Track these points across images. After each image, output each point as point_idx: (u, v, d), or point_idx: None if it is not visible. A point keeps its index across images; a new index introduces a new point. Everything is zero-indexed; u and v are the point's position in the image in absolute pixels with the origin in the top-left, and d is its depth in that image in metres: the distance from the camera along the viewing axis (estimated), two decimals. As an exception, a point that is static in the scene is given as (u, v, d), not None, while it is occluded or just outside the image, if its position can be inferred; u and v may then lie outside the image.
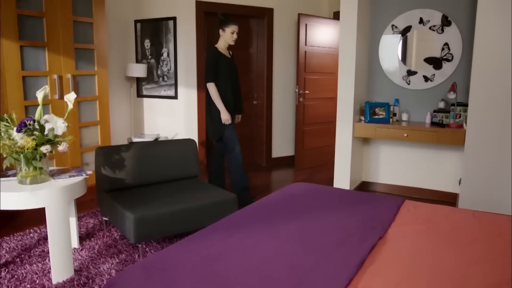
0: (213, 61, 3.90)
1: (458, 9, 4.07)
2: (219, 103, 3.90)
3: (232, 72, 4.05)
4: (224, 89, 3.95)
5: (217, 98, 3.89)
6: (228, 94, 3.98)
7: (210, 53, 3.95)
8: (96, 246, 3.06)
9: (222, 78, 3.93)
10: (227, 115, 3.91)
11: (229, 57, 4.05)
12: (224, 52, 4.00)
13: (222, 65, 3.93)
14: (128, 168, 3.29)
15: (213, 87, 3.89)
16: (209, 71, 3.90)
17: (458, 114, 4.04)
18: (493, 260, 1.80)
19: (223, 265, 1.70)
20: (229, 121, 3.93)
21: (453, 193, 4.26)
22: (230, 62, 4.03)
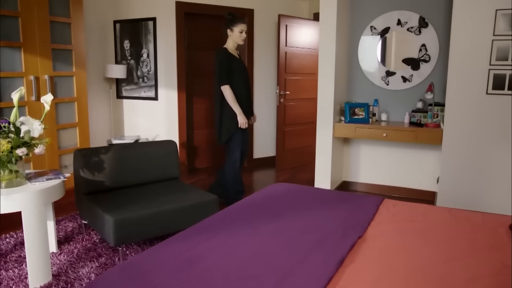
0: (226, 62, 3.73)
1: (434, 11, 4.15)
2: (235, 106, 3.73)
3: (244, 74, 3.90)
4: (238, 91, 3.80)
5: (233, 101, 3.72)
6: (242, 96, 3.83)
7: (222, 55, 3.76)
8: (75, 250, 3.01)
9: (235, 79, 3.78)
10: (244, 118, 3.76)
11: (238, 58, 3.92)
12: (234, 52, 3.87)
13: (235, 66, 3.78)
14: (107, 170, 3.24)
15: (229, 89, 3.71)
16: (223, 73, 3.71)
17: (436, 114, 4.11)
18: (469, 256, 1.84)
19: (204, 266, 1.70)
20: (246, 124, 3.77)
21: (432, 191, 4.34)
22: (240, 63, 3.89)
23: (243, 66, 3.91)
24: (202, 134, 5.64)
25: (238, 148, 3.89)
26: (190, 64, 5.35)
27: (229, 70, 3.73)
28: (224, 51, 3.79)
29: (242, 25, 3.80)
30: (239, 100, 3.79)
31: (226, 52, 3.79)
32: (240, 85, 3.81)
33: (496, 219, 2.36)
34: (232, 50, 3.86)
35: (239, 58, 3.91)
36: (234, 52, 3.87)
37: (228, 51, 3.80)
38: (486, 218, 2.37)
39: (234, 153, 3.90)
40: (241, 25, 3.79)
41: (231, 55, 3.79)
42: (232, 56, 3.80)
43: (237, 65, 3.81)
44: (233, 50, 3.87)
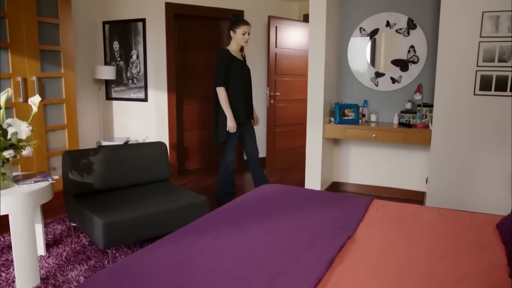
0: (224, 64, 3.68)
1: (423, 12, 4.19)
2: (227, 109, 3.68)
3: (245, 76, 3.83)
4: (236, 93, 3.74)
5: (226, 104, 3.67)
6: (240, 98, 3.77)
7: (221, 56, 3.71)
8: (64, 253, 2.98)
9: (234, 82, 3.73)
10: (233, 122, 3.70)
11: (241, 60, 3.84)
12: (236, 54, 3.80)
13: (234, 68, 3.72)
14: (96, 172, 3.22)
15: (223, 91, 3.66)
16: (220, 74, 3.67)
17: (424, 115, 4.15)
18: (457, 255, 1.86)
19: (194, 268, 1.69)
20: (234, 129, 3.71)
21: (421, 191, 4.37)
22: (242, 65, 3.83)
23: (245, 68, 3.85)
24: (193, 136, 5.63)
25: (231, 150, 3.85)
26: (180, 65, 5.34)
27: (226, 72, 3.68)
28: (224, 52, 3.74)
29: (245, 26, 3.75)
30: (237, 103, 3.75)
31: (226, 53, 3.73)
32: (239, 87, 3.76)
33: (484, 218, 2.39)
34: (235, 51, 3.80)
35: (242, 60, 3.85)
36: (237, 53, 3.81)
37: (230, 52, 3.75)
38: (474, 218, 2.40)
39: (227, 155, 3.86)
40: (244, 27, 3.75)
41: (231, 56, 3.73)
42: (232, 58, 3.73)
43: (238, 67, 3.76)
44: (235, 51, 3.80)
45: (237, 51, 3.83)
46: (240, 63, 3.80)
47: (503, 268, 1.74)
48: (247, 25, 3.77)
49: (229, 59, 3.71)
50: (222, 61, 3.69)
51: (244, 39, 3.77)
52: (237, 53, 3.81)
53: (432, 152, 3.87)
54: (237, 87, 3.74)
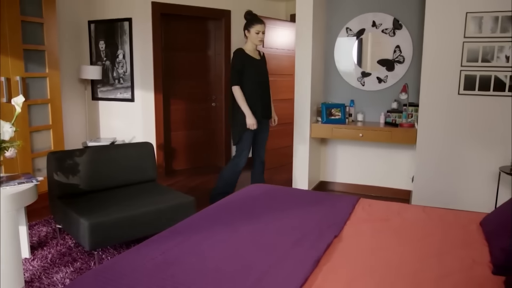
0: (238, 64, 3.68)
1: (408, 13, 4.23)
2: (244, 107, 3.67)
3: (261, 75, 3.83)
4: (251, 93, 3.72)
5: (243, 101, 3.67)
6: (255, 97, 3.75)
7: (235, 55, 3.73)
8: (49, 255, 2.94)
9: (249, 81, 3.71)
10: (253, 119, 3.68)
11: (257, 59, 3.82)
12: (252, 53, 3.78)
13: (249, 67, 3.71)
14: (82, 173, 3.19)
15: (238, 90, 3.67)
16: (234, 74, 3.69)
17: (410, 114, 4.19)
18: (441, 253, 1.89)
19: (179, 269, 1.69)
20: (255, 126, 3.69)
21: (407, 190, 4.42)
22: (258, 64, 3.81)
23: (261, 67, 3.84)
24: (180, 136, 5.60)
25: (244, 150, 3.81)
26: (167, 65, 5.31)
27: (240, 71, 3.68)
28: (239, 52, 3.74)
29: (259, 25, 3.71)
30: (252, 102, 3.73)
31: (241, 53, 3.72)
32: (254, 86, 3.75)
33: (468, 216, 2.42)
34: (251, 51, 3.78)
35: (259, 59, 3.84)
36: (252, 53, 3.79)
37: (245, 52, 3.74)
38: (458, 216, 2.43)
39: (239, 156, 3.83)
40: (257, 26, 3.71)
41: (246, 56, 3.73)
42: (247, 57, 3.73)
43: (253, 66, 3.75)
44: (251, 51, 3.79)
45: (253, 50, 3.80)
46: (256, 63, 3.78)
47: (486, 265, 1.76)
48: (261, 24, 3.72)
49: (243, 58, 3.70)
50: (236, 61, 3.70)
51: (258, 38, 3.73)
52: (253, 52, 3.79)
53: (418, 151, 3.92)
54: (251, 86, 3.73)
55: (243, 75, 3.70)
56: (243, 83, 3.71)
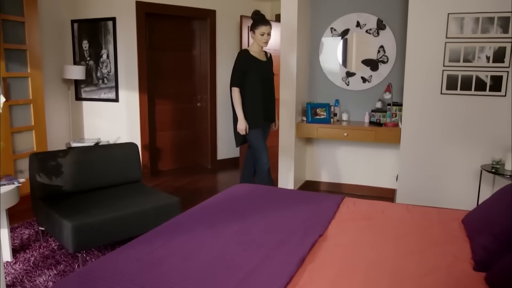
0: (241, 65, 3.58)
1: (392, 13, 4.27)
2: (238, 110, 3.58)
3: (265, 77, 3.70)
4: (253, 95, 3.62)
5: (238, 104, 3.58)
6: (257, 100, 3.64)
7: (239, 56, 3.62)
8: (31, 258, 2.90)
9: (251, 83, 3.60)
10: (244, 124, 3.58)
11: (263, 60, 3.70)
12: (258, 55, 3.66)
13: (252, 69, 3.59)
14: (66, 175, 3.15)
15: (237, 92, 3.57)
16: (235, 75, 3.59)
17: (394, 114, 4.24)
18: (424, 250, 1.91)
19: (164, 269, 1.68)
20: (244, 131, 3.60)
21: (392, 188, 4.46)
22: (263, 66, 3.69)
23: (265, 69, 3.73)
24: (166, 136, 5.57)
25: (262, 152, 3.71)
26: (151, 65, 5.27)
27: (242, 73, 3.57)
28: (243, 53, 3.63)
29: (264, 27, 3.58)
30: (255, 105, 3.64)
31: (245, 53, 3.62)
32: (256, 89, 3.63)
33: (450, 214, 2.46)
34: (256, 52, 3.66)
35: (264, 61, 3.72)
36: (258, 54, 3.67)
37: (250, 53, 3.63)
38: (441, 213, 2.47)
39: (261, 157, 3.72)
40: (262, 28, 3.58)
41: (250, 57, 3.61)
42: (251, 58, 3.61)
43: (258, 68, 3.63)
44: (257, 52, 3.66)
45: (258, 52, 3.68)
46: (261, 64, 3.68)
47: (467, 262, 1.79)
48: (266, 25, 3.59)
49: (246, 59, 3.60)
50: (238, 62, 3.61)
51: (263, 40, 3.61)
52: (258, 54, 3.68)
53: (402, 150, 3.96)
54: (254, 88, 3.62)
55: (246, 76, 3.59)
56: (246, 85, 3.60)
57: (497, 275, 1.54)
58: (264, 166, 3.72)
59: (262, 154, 3.71)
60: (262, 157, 3.71)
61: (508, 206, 1.88)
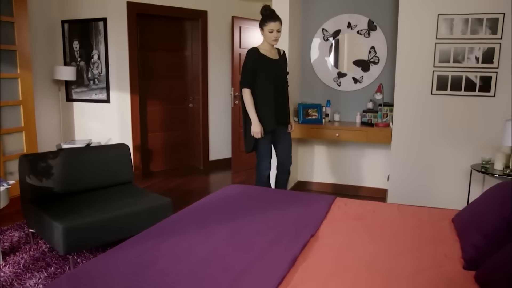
0: (250, 64, 3.35)
1: (382, 14, 4.30)
2: (251, 112, 3.35)
3: (276, 77, 3.47)
4: (263, 96, 3.39)
5: (250, 106, 3.35)
6: (268, 102, 3.41)
7: (248, 55, 3.40)
8: (21, 261, 2.87)
9: (262, 83, 3.38)
10: (258, 127, 3.34)
11: (274, 59, 3.46)
12: (268, 53, 3.44)
13: (262, 68, 3.37)
14: (56, 176, 3.12)
15: (248, 93, 3.35)
16: (244, 75, 3.37)
17: (385, 114, 4.26)
18: (414, 250, 1.93)
19: (156, 271, 1.67)
20: (259, 134, 3.36)
21: (383, 188, 4.49)
22: (274, 65, 3.45)
23: (278, 68, 3.49)
24: (157, 137, 5.55)
25: (264, 157, 3.51)
26: (143, 65, 5.25)
27: (252, 72, 3.36)
28: (252, 51, 3.41)
29: (272, 23, 3.33)
30: (265, 106, 3.41)
31: (254, 52, 3.40)
32: (267, 89, 3.41)
33: (440, 213, 2.48)
34: (266, 50, 3.44)
35: (276, 60, 3.49)
36: (269, 52, 3.45)
37: (259, 51, 3.41)
38: (431, 213, 2.49)
39: (261, 163, 3.53)
40: (270, 24, 3.33)
41: (260, 56, 3.40)
42: (261, 57, 3.40)
43: (268, 67, 3.41)
44: (267, 50, 3.44)
45: (269, 50, 3.46)
46: (272, 63, 3.45)
47: (457, 260, 1.81)
48: (275, 21, 3.34)
49: (256, 58, 3.38)
50: (247, 61, 3.39)
51: (272, 37, 3.37)
52: (269, 52, 3.46)
53: (393, 150, 3.99)
54: (265, 89, 3.41)
55: (256, 76, 3.39)
56: (256, 86, 3.40)
57: (487, 274, 1.55)
58: (264, 171, 3.56)
59: (263, 160, 3.53)
60: (263, 162, 3.53)
61: (497, 205, 1.90)
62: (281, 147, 3.64)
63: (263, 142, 3.47)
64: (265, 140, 3.47)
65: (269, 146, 3.53)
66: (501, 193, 1.98)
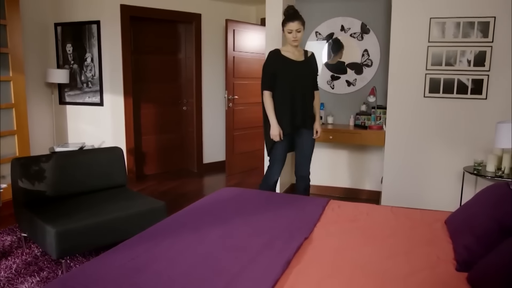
0: (270, 66, 3.31)
1: (375, 18, 4.33)
2: (270, 115, 3.29)
3: (298, 79, 3.34)
4: (281, 98, 3.32)
5: (269, 109, 3.29)
6: (285, 104, 3.32)
7: (268, 56, 3.37)
8: (13, 265, 2.85)
9: (280, 85, 3.31)
10: (276, 130, 3.28)
11: (297, 61, 3.35)
12: (291, 54, 3.35)
13: (283, 70, 3.30)
14: (49, 180, 3.10)
15: (267, 96, 3.30)
16: (264, 77, 3.32)
17: (378, 117, 4.28)
18: (407, 251, 1.93)
19: (149, 274, 1.67)
20: (277, 137, 3.30)
21: (377, 191, 4.50)
22: (297, 67, 3.34)
23: (301, 70, 3.37)
24: (151, 140, 5.54)
25: (276, 162, 3.43)
26: (136, 68, 5.24)
27: (272, 74, 3.30)
28: (273, 52, 3.36)
29: (291, 23, 3.23)
30: (281, 109, 3.32)
31: (275, 54, 3.35)
32: (284, 92, 3.32)
33: (433, 215, 2.50)
34: (288, 51, 3.36)
35: (300, 61, 3.37)
36: (291, 54, 3.36)
37: (280, 53, 3.35)
38: (424, 215, 2.50)
39: (272, 167, 3.45)
40: (289, 24, 3.24)
41: (281, 57, 3.33)
42: (282, 59, 3.33)
43: (289, 69, 3.32)
44: (289, 51, 3.36)
45: (292, 51, 3.36)
46: (294, 65, 3.34)
47: (450, 262, 1.82)
48: (293, 21, 3.24)
49: (276, 60, 3.33)
50: (266, 63, 3.36)
51: (291, 37, 3.27)
52: (292, 53, 3.36)
53: (386, 153, 4.00)
54: (282, 91, 3.32)
55: (277, 78, 3.33)
56: (275, 88, 3.34)
57: (479, 275, 1.56)
58: (273, 176, 3.47)
59: (274, 164, 3.45)
60: (274, 167, 3.45)
61: (489, 207, 1.91)
62: (299, 152, 3.54)
63: (279, 147, 3.39)
64: (280, 145, 3.39)
65: (283, 152, 3.44)
66: (493, 195, 2.00)
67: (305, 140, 3.50)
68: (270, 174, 3.48)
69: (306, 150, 3.53)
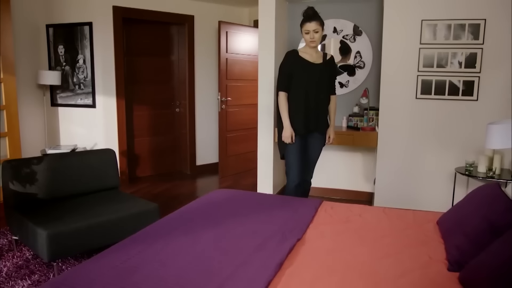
0: (286, 67, 3.28)
1: (367, 20, 4.35)
2: (284, 116, 3.26)
3: (314, 81, 3.29)
4: (295, 100, 3.28)
5: (283, 110, 3.26)
6: (298, 105, 3.28)
7: (285, 57, 3.33)
8: (4, 269, 2.82)
9: (295, 86, 3.27)
10: (289, 131, 3.24)
11: (314, 63, 3.30)
12: (309, 56, 3.30)
13: (299, 71, 3.25)
14: (40, 182, 3.08)
15: (282, 97, 3.26)
16: (280, 78, 3.31)
17: (371, 118, 4.30)
18: (399, 252, 1.94)
19: (141, 276, 1.66)
20: (289, 139, 3.27)
21: (369, 192, 4.52)
22: (314, 69, 3.29)
23: (318, 73, 3.31)
24: (144, 142, 5.52)
25: (291, 166, 3.37)
26: (129, 70, 5.22)
27: (288, 75, 3.27)
28: (290, 53, 3.34)
29: (307, 24, 3.19)
30: (294, 110, 3.29)
31: (292, 55, 3.32)
32: (298, 93, 3.28)
33: (425, 215, 2.51)
34: (306, 53, 3.31)
35: (318, 64, 3.32)
36: (309, 56, 3.31)
37: (297, 54, 3.30)
38: (416, 215, 2.51)
39: (289, 171, 3.39)
40: (306, 25, 3.20)
41: (298, 58, 3.28)
42: (299, 60, 3.28)
43: (306, 70, 3.27)
44: (307, 53, 3.31)
45: (310, 53, 3.32)
46: (310, 67, 3.29)
47: (442, 262, 1.83)
48: (310, 22, 3.19)
49: (293, 61, 3.29)
50: (283, 64, 3.34)
51: (308, 38, 3.23)
52: (309, 55, 3.31)
53: (379, 154, 4.02)
54: (296, 93, 3.29)
55: (292, 79, 3.29)
56: (291, 89, 3.30)
57: (470, 275, 1.57)
58: (291, 182, 3.40)
59: (291, 169, 3.38)
60: (290, 172, 3.38)
61: (480, 207, 1.93)
62: (308, 154, 3.50)
63: (291, 149, 3.34)
64: (293, 148, 3.33)
65: (297, 155, 3.36)
66: (484, 196, 2.02)
67: (315, 145, 3.48)
68: (288, 182, 3.42)
69: (313, 155, 3.51)
